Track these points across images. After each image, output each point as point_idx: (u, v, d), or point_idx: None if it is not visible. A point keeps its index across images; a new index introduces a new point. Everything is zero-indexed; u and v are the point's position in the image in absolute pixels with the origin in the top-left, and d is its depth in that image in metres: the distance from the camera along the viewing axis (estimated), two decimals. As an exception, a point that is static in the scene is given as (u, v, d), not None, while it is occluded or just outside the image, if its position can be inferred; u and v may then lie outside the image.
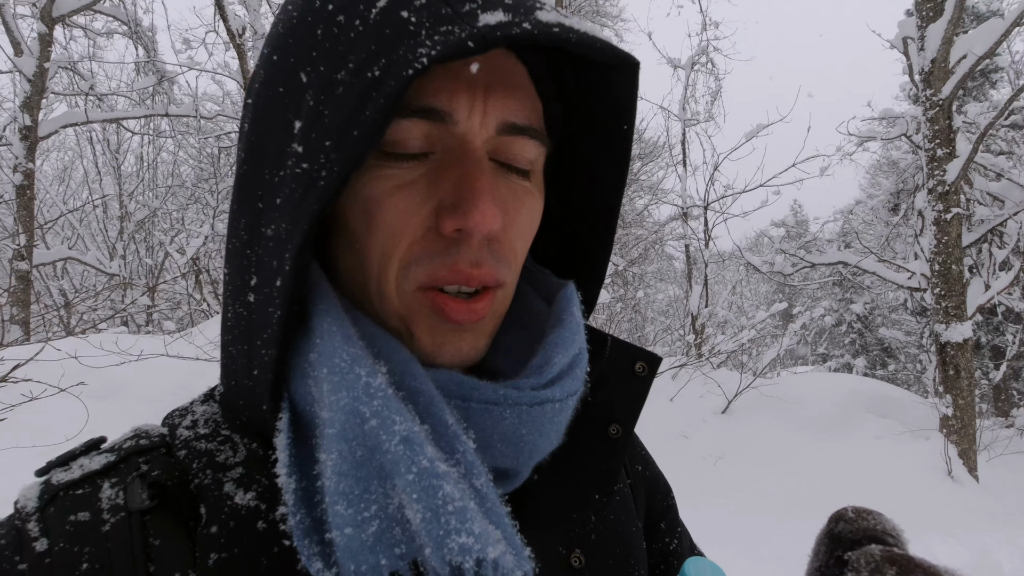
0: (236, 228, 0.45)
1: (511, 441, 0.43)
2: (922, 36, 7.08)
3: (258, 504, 0.42)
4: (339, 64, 0.39)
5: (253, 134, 0.44)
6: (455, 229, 0.42)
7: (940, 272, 7.12)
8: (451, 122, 0.42)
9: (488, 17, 0.37)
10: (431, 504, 0.35)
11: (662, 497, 0.66)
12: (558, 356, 0.47)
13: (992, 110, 9.09)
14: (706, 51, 11.17)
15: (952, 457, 6.70)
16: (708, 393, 7.66)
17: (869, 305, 22.07)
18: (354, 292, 0.45)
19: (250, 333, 0.43)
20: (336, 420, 0.38)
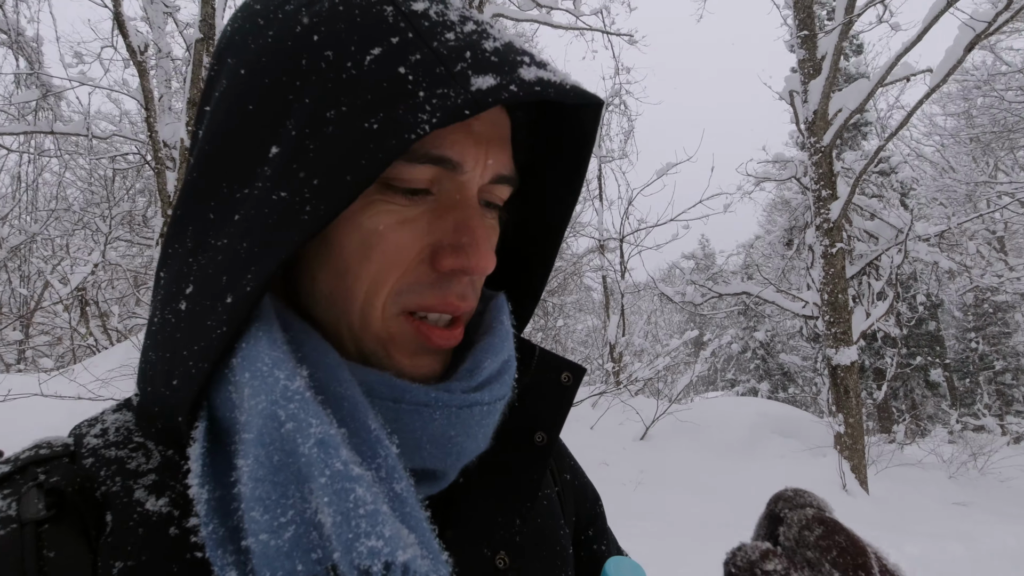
0: (180, 233, 0.45)
1: (439, 442, 0.45)
2: (805, 90, 7.92)
3: (171, 511, 0.41)
4: (330, 103, 0.40)
5: (210, 145, 0.45)
6: (454, 269, 0.45)
7: (829, 301, 7.81)
8: (460, 171, 0.46)
9: (479, 81, 0.40)
10: (342, 507, 0.35)
11: (590, 505, 0.68)
12: (488, 361, 0.49)
13: (864, 158, 10.23)
14: (619, 93, 11.86)
15: (845, 472, 7.24)
16: (627, 420, 7.88)
17: (770, 332, 23.74)
18: (329, 311, 0.46)
19: (175, 342, 0.42)
20: (253, 424, 0.37)
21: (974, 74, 14.20)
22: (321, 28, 0.42)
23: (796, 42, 8.11)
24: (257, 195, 0.41)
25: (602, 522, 0.69)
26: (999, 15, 6.09)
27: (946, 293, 19.36)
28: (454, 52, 0.41)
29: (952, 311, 22.34)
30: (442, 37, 0.42)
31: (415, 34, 0.41)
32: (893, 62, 7.04)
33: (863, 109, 7.55)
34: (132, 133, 9.56)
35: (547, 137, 0.56)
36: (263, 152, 0.41)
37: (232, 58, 0.45)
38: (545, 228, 0.59)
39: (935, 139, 18.30)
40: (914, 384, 20.52)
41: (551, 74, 0.43)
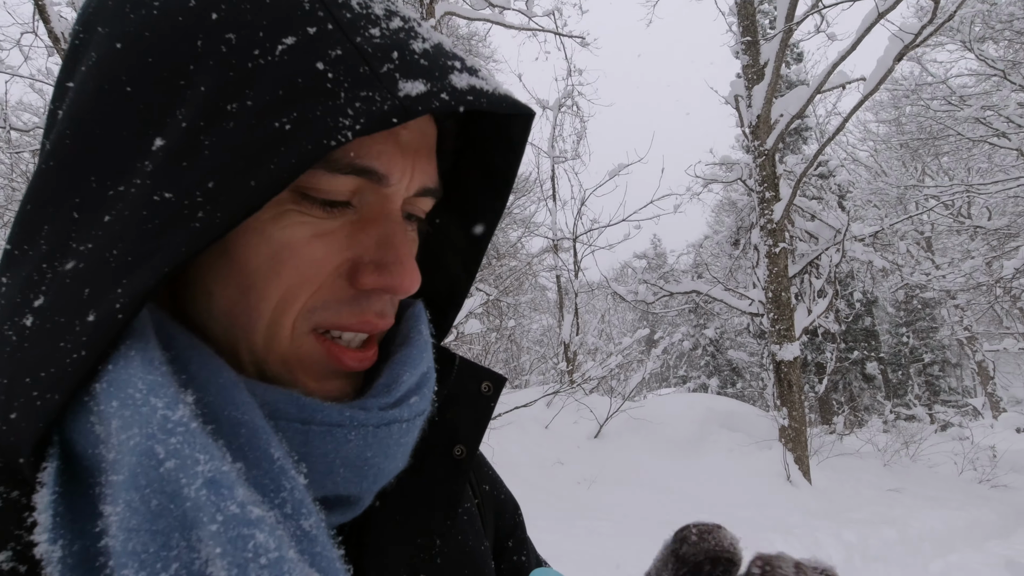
0: (31, 233, 0.38)
1: (355, 466, 0.41)
2: (749, 95, 8.19)
3: (15, 567, 0.33)
4: (231, 93, 0.35)
5: (74, 128, 0.38)
6: (377, 287, 0.42)
7: (773, 299, 8.10)
8: (384, 184, 0.42)
9: (408, 86, 0.36)
10: (239, 558, 0.30)
11: (510, 515, 0.65)
12: (406, 375, 0.46)
13: (804, 161, 10.67)
14: (571, 95, 11.97)
15: (789, 463, 7.53)
16: (581, 419, 7.94)
17: (719, 330, 24.51)
18: (228, 330, 0.41)
19: (15, 366, 0.35)
20: (124, 463, 0.31)
21: (903, 84, 15.05)
22: (221, 6, 0.37)
23: (740, 48, 8.38)
24: (135, 194, 0.35)
25: (522, 532, 0.67)
26: (924, 28, 6.46)
27: (880, 290, 20.48)
28: (379, 51, 0.37)
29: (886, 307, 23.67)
30: (366, 32, 0.38)
31: (335, 26, 0.37)
32: (830, 70, 7.37)
33: (803, 114, 7.86)
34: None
35: (473, 141, 0.53)
36: (144, 144, 0.36)
37: (104, 27, 0.39)
38: (469, 236, 0.56)
39: (869, 144, 19.34)
40: (852, 377, 21.62)
41: (483, 82, 0.40)
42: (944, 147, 15.95)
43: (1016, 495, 8.97)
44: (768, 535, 5.12)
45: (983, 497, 8.66)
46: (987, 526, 7.34)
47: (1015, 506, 8.38)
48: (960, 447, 10.26)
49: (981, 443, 10.63)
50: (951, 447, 10.39)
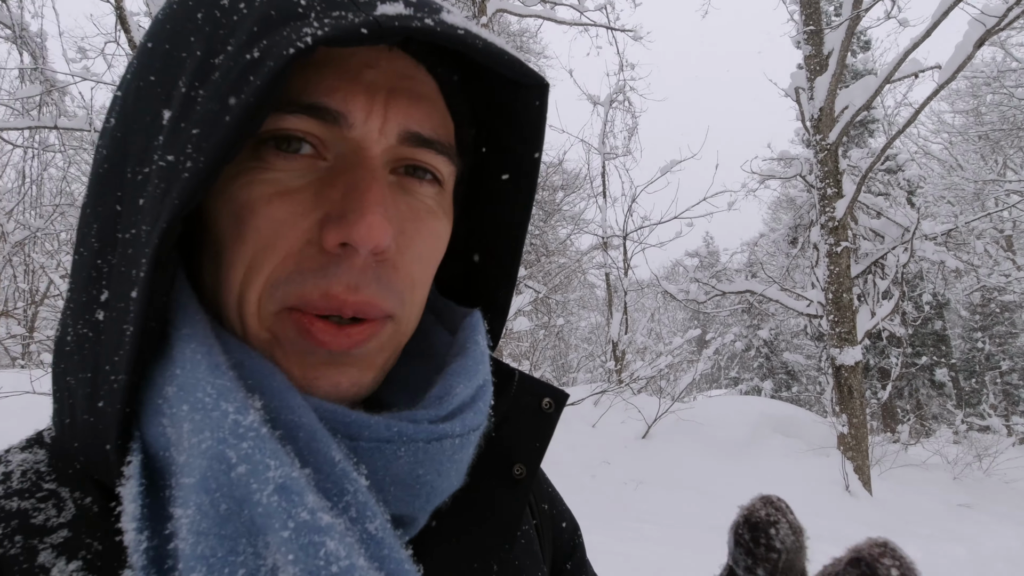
0: (86, 235, 0.39)
1: (406, 483, 0.39)
2: (811, 87, 7.82)
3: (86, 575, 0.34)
4: (218, 48, 0.35)
5: (119, 129, 0.39)
6: (339, 243, 0.37)
7: (833, 300, 7.74)
8: (345, 124, 0.38)
9: (387, 8, 0.34)
10: (310, 565, 0.30)
11: (569, 537, 0.62)
12: (460, 386, 0.43)
13: (870, 156, 10.13)
14: (623, 90, 11.78)
15: (848, 472, 7.19)
16: (629, 419, 7.84)
17: (774, 331, 23.65)
18: (217, 312, 0.40)
19: (96, 358, 0.37)
20: (196, 467, 0.32)
21: (984, 71, 14.05)
22: None
23: (802, 38, 8.02)
24: (154, 169, 0.36)
25: (581, 554, 0.63)
26: (1010, 10, 5.99)
27: (953, 292, 19.23)
28: None
29: (959, 310, 22.20)
30: None
31: None
32: (901, 58, 6.95)
33: (870, 106, 7.46)
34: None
35: (494, 134, 0.50)
36: (159, 122, 0.36)
37: (145, 37, 0.41)
38: (506, 239, 0.53)
39: (943, 136, 18.15)
40: (919, 384, 20.41)
41: (485, 33, 0.37)
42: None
43: (1106, 517, 8.25)
44: (823, 546, 4.90)
45: (1067, 517, 8.01)
46: (1071, 549, 6.79)
47: (1104, 528, 7.72)
48: (1041, 462, 9.53)
49: (1066, 459, 9.83)
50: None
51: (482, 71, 0.46)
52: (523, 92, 0.45)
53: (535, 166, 0.49)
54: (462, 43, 0.36)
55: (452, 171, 0.45)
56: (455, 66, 0.46)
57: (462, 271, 0.55)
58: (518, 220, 0.52)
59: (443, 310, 0.53)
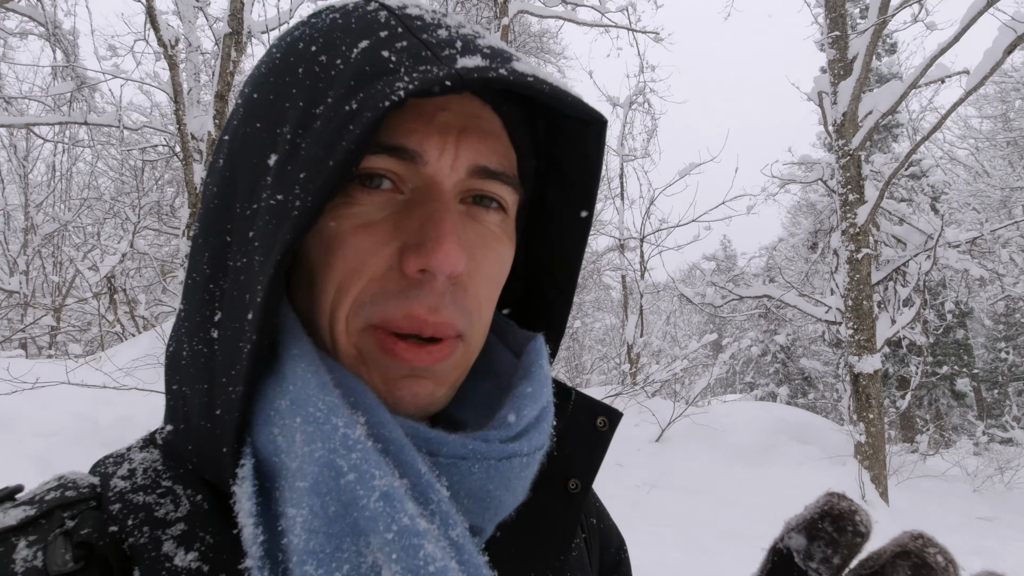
0: (199, 262, 0.44)
1: (478, 497, 0.42)
2: (834, 92, 7.74)
3: (200, 566, 0.38)
4: (318, 99, 0.40)
5: (227, 169, 0.44)
6: (419, 269, 0.41)
7: (853, 307, 7.65)
8: (421, 162, 0.42)
9: (466, 61, 0.39)
10: (411, 565, 0.34)
11: (615, 551, 0.65)
12: (527, 409, 0.46)
13: (894, 161, 9.99)
14: (643, 92, 11.75)
15: (865, 482, 7.10)
16: (643, 422, 7.82)
17: (791, 336, 23.38)
18: (311, 334, 0.44)
19: (212, 371, 0.41)
20: (309, 473, 0.36)
21: (1013, 76, 13.77)
22: (319, 39, 0.42)
23: (827, 42, 7.93)
24: (263, 207, 0.40)
25: (626, 568, 0.66)
26: (1041, 16, 5.87)
27: (976, 301, 18.85)
28: (444, 41, 0.41)
29: (982, 320, 21.76)
30: (434, 32, 0.41)
31: (404, 29, 0.41)
32: (928, 63, 6.85)
33: (895, 111, 7.36)
34: (162, 125, 9.75)
35: (551, 163, 0.54)
36: (265, 164, 0.41)
37: (248, 87, 0.46)
38: (563, 262, 0.56)
39: (970, 142, 17.80)
40: (939, 394, 20.04)
41: (551, 77, 0.41)
42: (1059, 146, 14.47)
43: None
44: (840, 555, 4.87)
45: (1091, 533, 7.83)
46: (1095, 566, 6.65)
47: None
48: (1065, 477, 9.32)
49: (1091, 474, 9.60)
50: (1054, 476, 9.45)
51: (545, 109, 0.50)
52: (583, 128, 0.49)
53: (594, 194, 0.53)
54: (532, 89, 0.40)
55: (516, 199, 0.49)
56: (518, 104, 0.50)
57: (522, 293, 0.59)
58: (577, 246, 0.55)
59: (505, 331, 0.56)
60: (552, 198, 0.55)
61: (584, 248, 0.56)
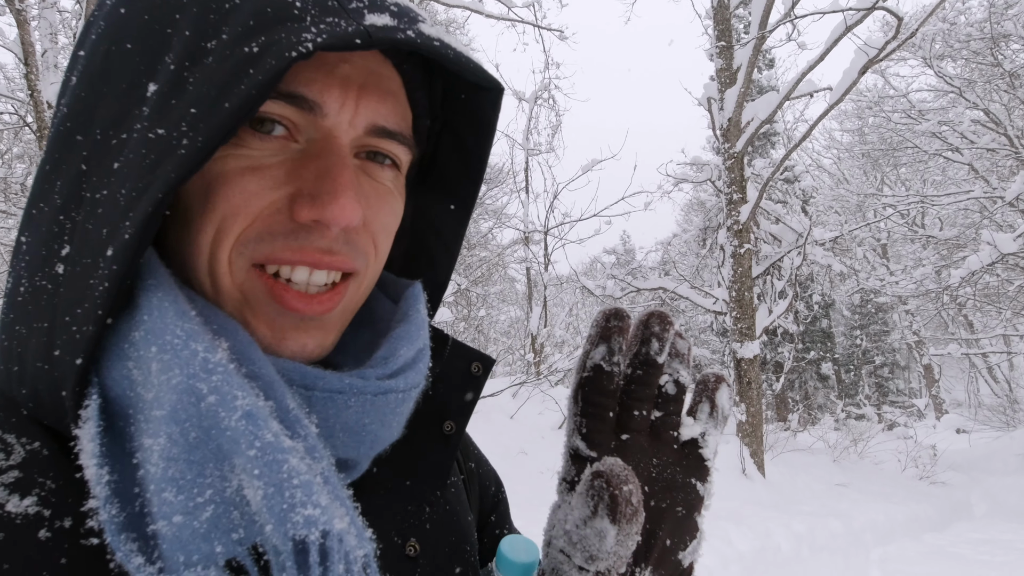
0: (47, 191, 0.41)
1: (354, 431, 0.43)
2: (722, 99, 8.36)
3: (40, 511, 0.36)
4: (209, 33, 0.37)
5: (83, 89, 0.41)
6: (312, 219, 0.41)
7: (736, 298, 8.33)
8: (320, 113, 0.42)
9: (375, 18, 0.38)
10: (274, 479, 0.33)
11: (493, 492, 0.68)
12: (403, 349, 0.47)
13: (771, 165, 10.96)
14: (548, 88, 11.98)
15: (745, 457, 7.78)
16: (546, 410, 8.04)
17: (684, 326, 25.04)
18: (185, 277, 0.42)
19: (53, 310, 0.38)
20: (166, 400, 0.34)
21: (867, 95, 15.57)
22: None
23: (715, 51, 8.54)
24: (136, 138, 0.37)
25: (504, 507, 0.69)
26: (888, 43, 6.70)
27: (837, 293, 21.23)
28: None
29: (842, 310, 24.55)
30: None
31: None
32: (798, 79, 7.58)
33: (772, 120, 8.07)
34: (8, 90, 8.54)
35: (448, 124, 0.55)
36: (141, 92, 0.38)
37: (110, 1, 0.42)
38: (450, 220, 0.58)
39: (833, 152, 19.98)
40: (807, 376, 22.39)
41: (455, 42, 0.42)
42: (903, 159, 16.60)
43: (953, 492, 9.48)
44: (722, 524, 5.30)
45: (923, 493, 9.13)
46: (925, 520, 7.76)
47: (952, 502, 8.87)
48: (904, 446, 10.78)
49: (924, 442, 11.19)
50: (896, 445, 10.91)
51: (443, 70, 0.50)
52: (481, 93, 0.51)
53: (485, 157, 0.55)
54: (438, 53, 0.40)
55: (409, 159, 0.49)
56: (419, 64, 0.50)
57: (406, 248, 0.59)
58: (466, 207, 0.57)
59: (385, 281, 0.57)
60: (443, 159, 0.56)
61: (472, 209, 0.57)
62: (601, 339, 0.48)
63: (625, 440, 0.47)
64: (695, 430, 0.49)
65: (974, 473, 10.56)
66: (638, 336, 0.48)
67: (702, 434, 0.49)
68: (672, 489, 0.48)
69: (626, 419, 0.48)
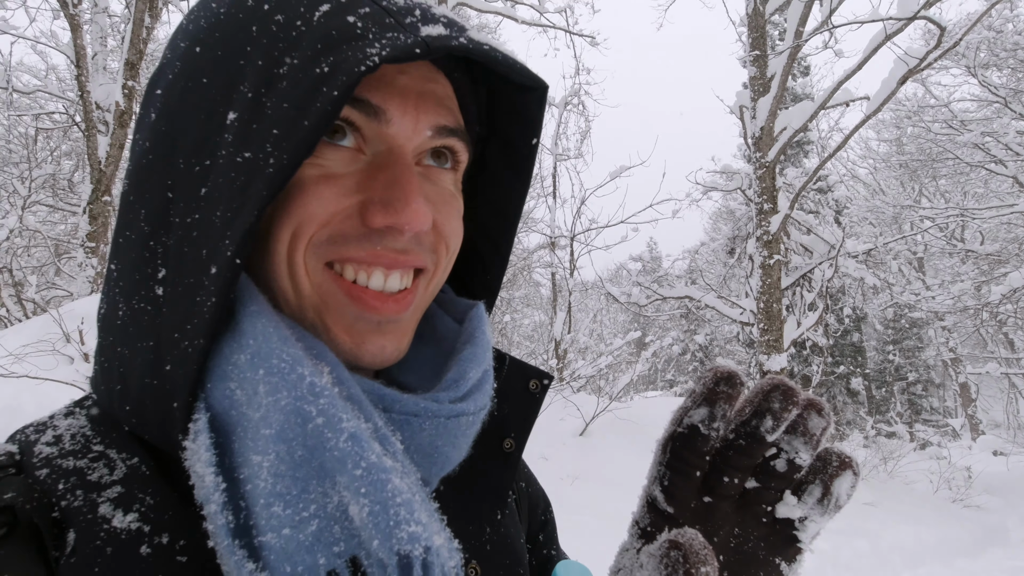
0: (132, 220, 0.44)
1: (427, 452, 0.44)
2: (754, 107, 8.25)
3: (141, 527, 0.38)
4: (280, 61, 0.40)
5: (164, 124, 0.43)
6: (386, 225, 0.44)
7: (764, 309, 8.20)
8: (383, 120, 0.44)
9: (429, 29, 0.41)
10: (379, 497, 0.36)
11: (542, 511, 0.69)
12: (472, 371, 0.49)
13: (804, 175, 10.76)
14: (578, 93, 11.98)
15: (769, 472, 7.63)
16: (568, 416, 8.02)
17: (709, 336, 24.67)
18: (268, 288, 0.45)
19: (158, 328, 0.41)
20: (274, 420, 0.37)
21: (906, 104, 15.17)
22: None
23: (748, 60, 8.43)
24: (222, 163, 0.40)
25: (552, 528, 0.70)
26: (929, 53, 6.53)
27: (870, 307, 20.67)
28: (403, 10, 0.43)
29: (874, 324, 23.88)
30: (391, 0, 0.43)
31: None
32: (835, 87, 7.44)
33: (806, 128, 7.94)
34: (60, 90, 8.89)
35: (495, 129, 0.57)
36: (220, 120, 0.41)
37: (184, 40, 0.45)
38: (500, 221, 0.59)
39: (869, 162, 19.47)
40: (836, 391, 21.83)
41: (501, 47, 0.44)
42: (942, 170, 16.11)
43: (988, 516, 9.14)
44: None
45: (956, 516, 8.82)
46: (957, 544, 7.50)
47: (986, 526, 8.55)
48: (937, 466, 10.43)
49: (958, 463, 10.81)
50: (928, 466, 10.56)
51: (489, 75, 0.53)
52: (527, 93, 0.52)
53: (533, 156, 0.56)
54: (488, 57, 0.43)
55: (467, 157, 0.51)
56: (466, 72, 0.52)
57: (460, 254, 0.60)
58: (515, 207, 0.59)
59: (445, 299, 0.59)
60: (492, 162, 0.58)
61: (522, 209, 0.59)
62: (705, 401, 0.45)
63: (708, 503, 0.45)
64: (794, 512, 0.44)
65: (1011, 497, 10.16)
66: (753, 404, 0.44)
67: (801, 518, 0.44)
68: (751, 565, 0.45)
69: (714, 481, 0.45)
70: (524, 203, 0.59)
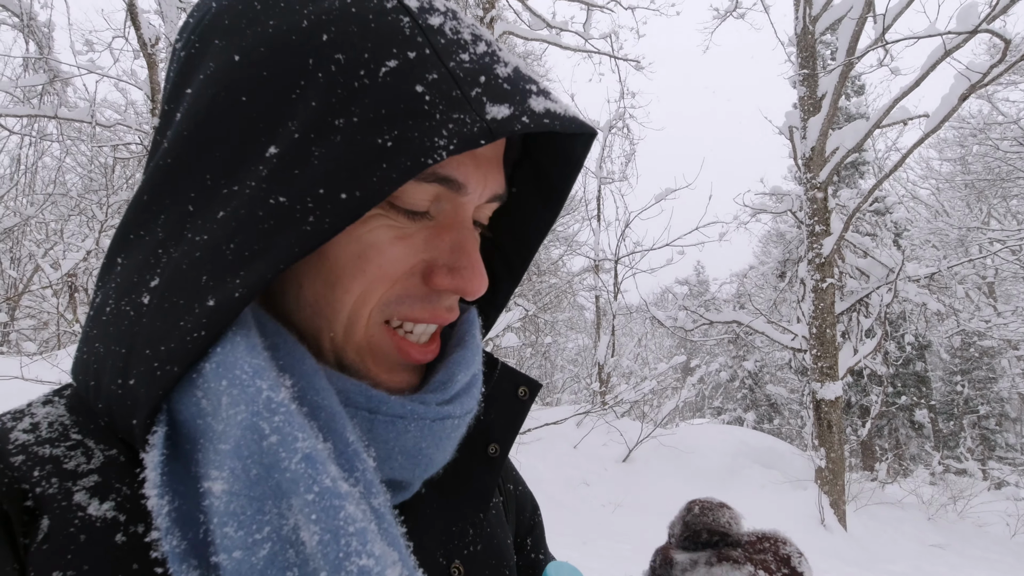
0: (147, 221, 0.42)
1: (411, 454, 0.45)
2: (804, 127, 8.06)
3: (116, 516, 0.38)
4: (337, 110, 0.38)
5: (192, 130, 0.41)
6: (450, 289, 0.46)
7: (817, 335, 7.88)
8: (463, 193, 0.45)
9: (494, 110, 0.40)
10: (331, 525, 0.34)
11: (530, 515, 0.69)
12: (461, 374, 0.49)
13: (860, 196, 10.37)
14: (623, 117, 12.01)
15: (824, 506, 7.25)
16: (611, 441, 7.87)
17: (759, 363, 23.80)
18: (313, 319, 0.45)
19: (133, 337, 0.39)
20: (231, 435, 0.36)
21: (971, 122, 14.48)
22: (331, 28, 0.40)
23: (798, 79, 8.27)
24: (249, 195, 0.39)
25: (540, 531, 0.70)
26: (993, 67, 6.24)
27: (934, 334, 19.51)
28: (469, 76, 0.41)
29: (940, 353, 22.49)
30: (458, 57, 0.41)
31: (432, 51, 0.40)
32: (890, 105, 7.19)
33: (861, 148, 7.68)
34: (136, 123, 9.57)
35: (531, 153, 0.57)
36: (258, 149, 0.39)
37: (221, 40, 0.42)
38: (518, 244, 0.60)
39: (931, 182, 18.60)
40: (899, 423, 20.58)
41: (556, 104, 0.44)
42: (1013, 189, 15.23)
43: (1074, 564, 8.35)
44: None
45: (1036, 563, 8.10)
46: (1039, 594, 6.88)
47: (1072, 576, 7.81)
48: (1015, 507, 9.65)
49: (1038, 505, 9.96)
50: (1005, 507, 9.78)
51: None
52: (575, 138, 0.53)
53: (567, 191, 0.57)
54: (547, 128, 0.42)
55: None
56: None
57: None
58: (539, 235, 0.59)
59: None
60: (521, 188, 0.58)
61: (544, 238, 0.59)
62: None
63: None
64: None
65: (1102, 546, 9.26)
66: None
67: None
68: None
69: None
70: (547, 233, 0.59)
